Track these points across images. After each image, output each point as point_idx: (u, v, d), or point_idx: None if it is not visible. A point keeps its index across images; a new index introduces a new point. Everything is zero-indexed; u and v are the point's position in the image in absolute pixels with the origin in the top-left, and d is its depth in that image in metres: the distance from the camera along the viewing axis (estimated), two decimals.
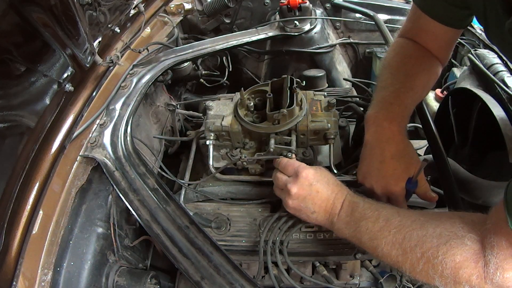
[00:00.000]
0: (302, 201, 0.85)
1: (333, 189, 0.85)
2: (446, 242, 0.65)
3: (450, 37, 0.97)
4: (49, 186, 0.88)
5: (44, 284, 0.81)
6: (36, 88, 0.86)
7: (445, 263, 0.63)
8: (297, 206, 0.86)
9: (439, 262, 0.64)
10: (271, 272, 0.92)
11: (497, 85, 1.16)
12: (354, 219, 0.80)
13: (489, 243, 0.61)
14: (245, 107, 1.07)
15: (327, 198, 0.84)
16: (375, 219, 0.76)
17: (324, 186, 0.85)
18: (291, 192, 0.85)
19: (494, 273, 0.60)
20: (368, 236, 0.76)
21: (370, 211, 0.78)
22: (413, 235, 0.70)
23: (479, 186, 0.95)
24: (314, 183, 0.85)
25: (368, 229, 0.76)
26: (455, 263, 0.63)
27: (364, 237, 0.77)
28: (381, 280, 1.00)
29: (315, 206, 0.85)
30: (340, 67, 1.88)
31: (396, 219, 0.74)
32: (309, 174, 0.85)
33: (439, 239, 0.66)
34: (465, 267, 0.62)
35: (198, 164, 1.21)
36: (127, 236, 1.02)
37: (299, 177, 0.85)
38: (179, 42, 1.70)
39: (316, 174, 0.86)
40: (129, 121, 1.09)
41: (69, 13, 0.89)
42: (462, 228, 0.66)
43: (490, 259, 0.60)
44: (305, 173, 0.85)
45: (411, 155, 0.90)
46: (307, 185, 0.85)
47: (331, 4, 1.86)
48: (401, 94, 0.92)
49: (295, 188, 0.85)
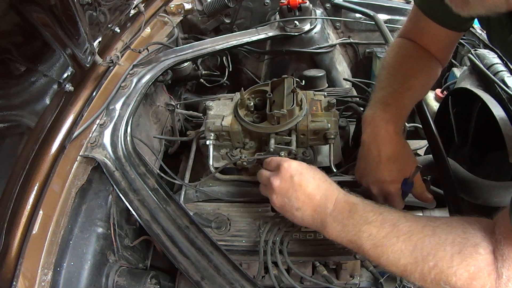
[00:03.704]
0: (285, 195, 0.79)
1: (319, 185, 0.79)
2: (460, 251, 0.61)
3: (451, 39, 0.97)
4: (49, 186, 0.88)
5: (44, 284, 0.81)
6: (36, 88, 0.86)
7: (460, 274, 0.59)
8: (281, 201, 0.81)
9: (453, 273, 0.60)
10: (271, 272, 0.92)
11: (497, 85, 1.16)
12: (353, 222, 0.72)
13: (501, 254, 0.58)
14: (245, 107, 1.07)
15: (312, 194, 0.78)
16: (380, 224, 0.69)
17: (308, 179, 0.79)
18: (273, 186, 0.81)
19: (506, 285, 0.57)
20: (371, 242, 0.69)
21: (372, 214, 0.71)
22: (425, 242, 0.64)
23: (479, 186, 0.95)
24: (296, 175, 0.79)
25: (372, 235, 0.69)
26: (469, 274, 0.59)
27: (366, 244, 0.70)
28: (381, 280, 1.00)
29: (298, 202, 0.78)
30: (340, 67, 1.88)
31: (405, 225, 0.68)
32: (290, 166, 0.81)
33: (452, 247, 0.62)
34: (478, 278, 0.59)
35: (198, 164, 1.21)
36: (127, 236, 1.02)
37: (281, 169, 0.81)
38: (179, 42, 1.70)
39: (298, 167, 0.81)
40: (129, 121, 1.09)
41: (69, 13, 0.89)
42: (474, 236, 0.62)
43: (503, 271, 0.58)
44: (286, 164, 0.81)
45: (408, 156, 0.90)
46: (289, 177, 0.79)
47: (331, 4, 1.86)
48: (399, 95, 0.92)
49: (277, 181, 0.80)
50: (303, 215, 0.79)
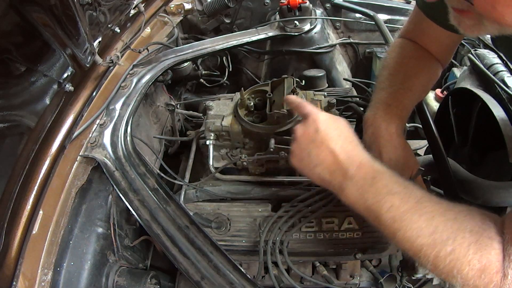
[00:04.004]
0: (306, 148, 0.74)
1: (344, 145, 0.72)
2: (477, 240, 0.59)
3: (453, 41, 0.97)
4: (49, 186, 0.88)
5: (44, 284, 0.81)
6: (36, 88, 0.86)
7: (473, 264, 0.58)
8: (300, 155, 0.75)
9: (467, 262, 0.58)
10: (271, 272, 0.92)
11: (497, 85, 1.16)
12: (375, 190, 0.67)
13: (508, 254, 0.58)
14: (245, 107, 1.08)
15: (334, 153, 0.71)
16: (404, 197, 0.65)
17: (333, 136, 0.72)
18: (296, 135, 0.76)
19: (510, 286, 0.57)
20: (391, 214, 0.64)
21: (397, 186, 0.67)
22: (447, 226, 0.61)
23: (479, 186, 0.95)
24: (321, 130, 0.73)
25: (394, 206, 0.64)
26: (481, 266, 0.58)
27: (385, 215, 0.65)
28: (381, 280, 1.00)
29: (319, 158, 0.72)
30: (340, 67, 1.88)
31: (428, 204, 0.64)
32: (318, 118, 0.74)
33: (471, 235, 0.60)
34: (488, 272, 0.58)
35: (198, 164, 1.21)
36: (127, 236, 1.02)
37: (308, 120, 0.75)
38: (179, 42, 1.70)
39: (326, 121, 0.74)
40: (129, 121, 1.09)
41: (69, 13, 0.89)
42: (491, 228, 0.61)
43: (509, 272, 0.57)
44: (315, 115, 0.75)
45: (409, 157, 0.89)
46: (314, 130, 0.73)
47: (331, 4, 1.86)
48: (400, 95, 0.92)
49: (300, 130, 0.75)
50: (321, 173, 0.73)
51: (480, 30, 0.54)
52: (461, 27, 0.56)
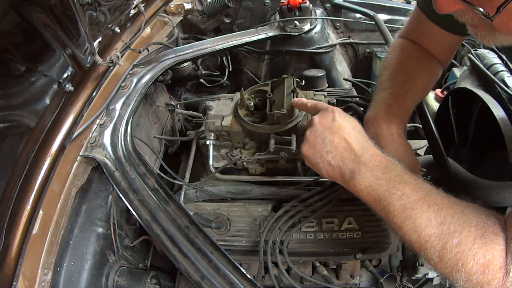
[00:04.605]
0: (321, 135, 0.77)
1: (358, 137, 0.76)
2: (482, 235, 0.60)
3: (453, 42, 0.97)
4: (49, 186, 0.88)
5: (44, 284, 0.81)
6: (36, 88, 0.86)
7: (478, 258, 0.59)
8: (313, 140, 0.78)
9: (473, 256, 0.59)
10: (271, 272, 0.92)
11: (497, 85, 1.16)
12: (388, 177, 0.69)
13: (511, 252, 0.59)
14: (245, 107, 1.08)
15: (348, 141, 0.75)
16: (415, 187, 0.67)
17: (348, 127, 0.77)
18: (313, 122, 0.80)
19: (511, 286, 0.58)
20: (401, 202, 0.66)
21: (408, 176, 0.69)
22: (454, 218, 0.63)
23: (479, 186, 0.95)
24: (338, 119, 0.78)
25: (405, 195, 0.66)
26: (485, 261, 0.59)
27: (395, 203, 0.67)
28: (381, 280, 1.00)
29: (332, 144, 0.76)
30: (340, 67, 1.88)
31: (437, 196, 0.66)
32: (337, 109, 0.81)
33: (476, 230, 0.61)
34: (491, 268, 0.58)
35: (198, 164, 1.21)
36: (127, 236, 1.02)
37: (326, 110, 0.81)
38: (179, 42, 1.70)
39: (344, 114, 0.80)
40: (129, 121, 1.09)
41: (69, 13, 0.89)
42: (496, 224, 0.62)
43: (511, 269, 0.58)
44: (332, 107, 0.81)
45: (410, 157, 0.89)
46: (331, 118, 0.78)
47: (331, 4, 1.86)
48: (401, 96, 0.92)
49: (318, 118, 0.80)
50: (333, 159, 0.75)
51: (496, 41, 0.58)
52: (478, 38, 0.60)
